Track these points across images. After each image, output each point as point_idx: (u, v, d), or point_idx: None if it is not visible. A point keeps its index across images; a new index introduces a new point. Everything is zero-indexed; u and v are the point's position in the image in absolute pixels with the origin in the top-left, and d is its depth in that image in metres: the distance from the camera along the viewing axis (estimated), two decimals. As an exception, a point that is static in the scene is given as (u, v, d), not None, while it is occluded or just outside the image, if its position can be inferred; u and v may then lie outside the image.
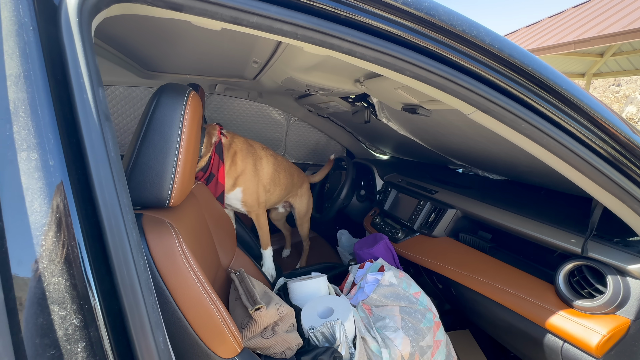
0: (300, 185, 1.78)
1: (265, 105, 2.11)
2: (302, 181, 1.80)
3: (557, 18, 6.54)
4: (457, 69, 0.58)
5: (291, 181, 1.65)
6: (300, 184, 1.78)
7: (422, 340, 0.98)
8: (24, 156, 0.29)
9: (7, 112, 0.30)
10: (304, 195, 1.80)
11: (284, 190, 1.60)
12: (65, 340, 0.28)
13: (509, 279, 1.05)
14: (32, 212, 0.29)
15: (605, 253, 0.83)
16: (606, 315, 0.82)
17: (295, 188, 1.74)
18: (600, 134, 0.63)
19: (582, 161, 0.64)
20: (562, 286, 0.90)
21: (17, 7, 0.32)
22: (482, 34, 0.55)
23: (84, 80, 0.35)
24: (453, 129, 1.17)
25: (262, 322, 0.74)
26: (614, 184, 0.67)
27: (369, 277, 1.12)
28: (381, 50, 0.53)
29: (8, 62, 0.31)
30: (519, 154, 1.02)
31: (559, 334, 0.86)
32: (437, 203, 1.41)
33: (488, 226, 1.25)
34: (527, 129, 0.63)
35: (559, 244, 0.93)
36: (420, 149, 1.76)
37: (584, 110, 0.61)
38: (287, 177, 1.60)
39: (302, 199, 1.80)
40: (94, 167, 0.33)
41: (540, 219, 1.02)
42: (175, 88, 0.66)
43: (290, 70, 1.12)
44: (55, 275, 0.29)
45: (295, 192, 1.76)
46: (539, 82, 0.60)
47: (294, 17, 0.47)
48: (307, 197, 1.83)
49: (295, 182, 1.71)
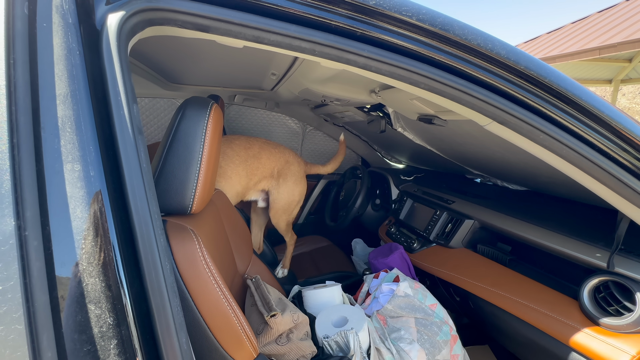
0: (279, 169, 1.46)
1: (282, 114, 2.16)
2: (280, 165, 1.47)
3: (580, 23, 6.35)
4: (473, 81, 0.58)
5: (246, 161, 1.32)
6: (274, 168, 1.45)
7: (438, 354, 0.96)
8: (69, 167, 0.33)
9: (56, 128, 0.33)
10: (287, 183, 1.46)
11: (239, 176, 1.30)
12: (100, 337, 0.31)
13: (530, 293, 1.01)
14: (75, 218, 0.32)
15: (633, 268, 0.80)
16: (635, 334, 0.78)
17: (264, 172, 1.41)
18: (623, 145, 0.61)
19: (605, 173, 0.63)
20: (587, 302, 0.86)
21: (67, 33, 0.36)
22: (497, 47, 0.56)
23: (121, 98, 0.38)
24: (470, 139, 1.16)
25: (277, 329, 0.75)
26: (638, 195, 0.64)
27: (384, 287, 1.11)
28: (396, 65, 0.54)
29: (58, 83, 0.34)
30: (539, 164, 1.00)
31: (584, 353, 0.83)
32: (454, 213, 1.38)
33: (507, 238, 1.22)
34: (546, 140, 0.62)
35: (584, 258, 0.89)
36: (436, 158, 1.75)
37: (604, 120, 0.60)
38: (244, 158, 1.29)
39: (283, 188, 1.46)
40: (128, 177, 0.36)
41: (563, 232, 0.99)
42: (199, 102, 0.70)
43: (307, 82, 1.15)
44: (92, 277, 0.32)
45: (265, 176, 1.43)
46: (556, 94, 0.59)
47: (312, 34, 0.50)
48: (290, 187, 1.47)
49: (263, 165, 1.39)
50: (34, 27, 0.35)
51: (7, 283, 0.28)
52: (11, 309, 0.28)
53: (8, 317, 0.28)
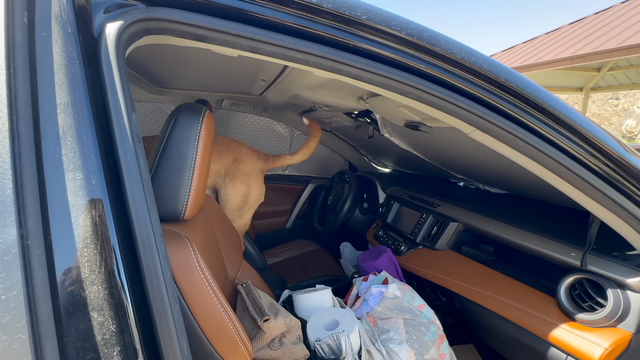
0: (226, 169, 1.37)
1: (270, 119, 2.17)
2: (228, 163, 1.39)
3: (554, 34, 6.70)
4: (457, 92, 0.62)
5: None
6: (220, 167, 1.37)
7: (426, 354, 0.99)
8: (70, 176, 0.33)
9: (57, 137, 0.33)
10: (234, 184, 1.38)
11: None
12: (103, 344, 0.31)
13: (512, 292, 1.06)
14: (77, 226, 0.32)
15: (604, 266, 0.85)
16: (608, 328, 0.83)
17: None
18: (592, 152, 0.66)
19: (578, 177, 0.68)
20: (564, 299, 0.91)
21: (67, 42, 0.37)
22: (479, 60, 0.59)
23: (121, 106, 0.39)
24: (454, 145, 1.21)
25: (271, 334, 0.76)
26: (609, 200, 0.70)
27: (374, 289, 1.13)
28: (386, 76, 0.57)
29: (58, 92, 0.35)
30: (518, 169, 1.05)
31: (562, 348, 0.87)
32: (439, 216, 1.43)
33: (490, 239, 1.27)
34: (525, 147, 0.66)
35: (559, 257, 0.95)
36: (421, 163, 1.80)
37: (575, 129, 0.65)
38: None
39: (230, 188, 1.37)
40: (128, 185, 0.37)
41: (541, 233, 1.04)
42: (191, 108, 0.70)
43: (297, 89, 1.17)
44: (95, 284, 0.32)
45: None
46: (533, 104, 0.63)
47: (307, 46, 0.52)
48: (238, 187, 1.38)
49: None
50: (33, 36, 0.35)
51: (10, 292, 0.28)
52: (14, 318, 0.28)
53: (11, 327, 0.28)
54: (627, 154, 0.69)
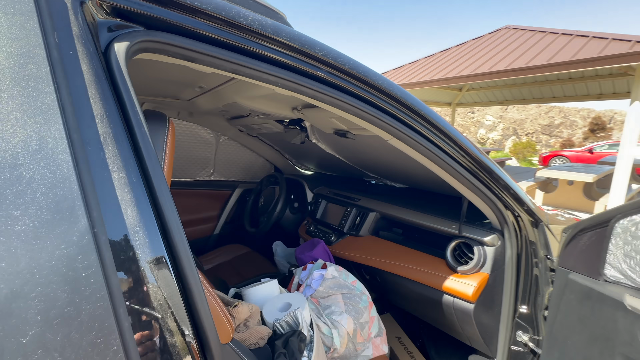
0: None
1: (194, 124, 2.12)
2: None
3: (430, 59, 8.27)
4: (377, 108, 0.85)
5: None
6: None
7: (361, 318, 1.22)
8: (116, 175, 0.39)
9: (99, 143, 0.39)
10: None
11: None
12: (159, 307, 0.39)
13: (417, 260, 1.39)
14: (127, 216, 0.39)
15: (472, 232, 1.24)
16: (475, 273, 1.22)
17: None
18: (460, 152, 1.00)
19: (453, 169, 1.00)
20: (450, 258, 1.27)
21: (92, 59, 0.42)
22: (384, 83, 0.84)
23: (140, 116, 0.46)
24: (370, 149, 1.50)
25: (239, 318, 0.84)
26: (472, 185, 1.05)
27: (315, 273, 1.31)
28: (333, 96, 0.75)
29: (93, 104, 0.40)
30: (417, 166, 1.40)
31: (450, 292, 1.22)
32: (360, 208, 1.71)
33: (399, 223, 1.61)
34: (422, 149, 0.94)
35: (445, 229, 1.31)
36: (342, 165, 2.08)
37: (449, 135, 0.97)
38: None
39: None
40: (156, 182, 0.45)
41: (433, 213, 1.41)
42: (157, 116, 0.74)
43: (238, 98, 1.26)
44: (142, 261, 0.39)
45: None
46: (422, 117, 0.92)
47: (279, 72, 0.66)
48: None
49: None
50: (62, 54, 0.40)
51: (89, 270, 0.34)
52: (95, 290, 0.34)
53: (94, 297, 0.34)
54: (480, 154, 1.05)
